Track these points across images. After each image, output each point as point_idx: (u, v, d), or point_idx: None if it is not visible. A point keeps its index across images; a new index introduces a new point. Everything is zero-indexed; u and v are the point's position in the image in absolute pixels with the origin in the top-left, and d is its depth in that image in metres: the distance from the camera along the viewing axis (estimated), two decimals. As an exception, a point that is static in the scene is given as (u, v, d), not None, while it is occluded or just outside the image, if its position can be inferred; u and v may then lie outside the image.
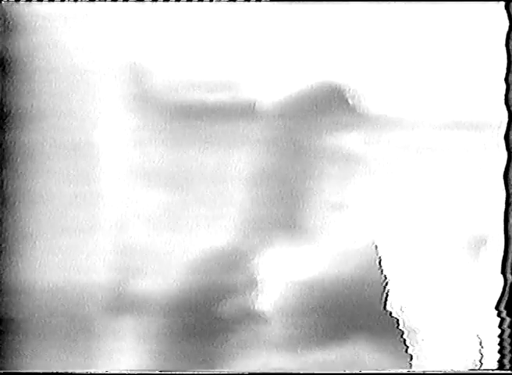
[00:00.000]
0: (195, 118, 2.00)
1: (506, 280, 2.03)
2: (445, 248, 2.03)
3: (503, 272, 2.03)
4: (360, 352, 2.02)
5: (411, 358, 2.03)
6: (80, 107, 2.00)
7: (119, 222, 2.00)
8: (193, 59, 2.02)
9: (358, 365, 2.02)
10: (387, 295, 2.02)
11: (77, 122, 2.00)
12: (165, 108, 2.00)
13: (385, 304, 2.02)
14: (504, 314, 2.03)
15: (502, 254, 2.03)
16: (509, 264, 2.03)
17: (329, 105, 2.01)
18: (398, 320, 2.03)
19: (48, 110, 2.00)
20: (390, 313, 2.03)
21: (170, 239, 2.01)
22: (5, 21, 1.98)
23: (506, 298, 2.03)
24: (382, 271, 2.02)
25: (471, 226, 2.03)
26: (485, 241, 2.03)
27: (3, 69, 1.98)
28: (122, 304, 2.00)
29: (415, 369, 2.02)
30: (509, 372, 2.03)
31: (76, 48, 2.00)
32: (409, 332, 2.03)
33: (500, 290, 2.03)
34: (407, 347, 2.03)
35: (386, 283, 2.02)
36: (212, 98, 2.01)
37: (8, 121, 1.99)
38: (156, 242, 2.01)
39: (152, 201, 2.00)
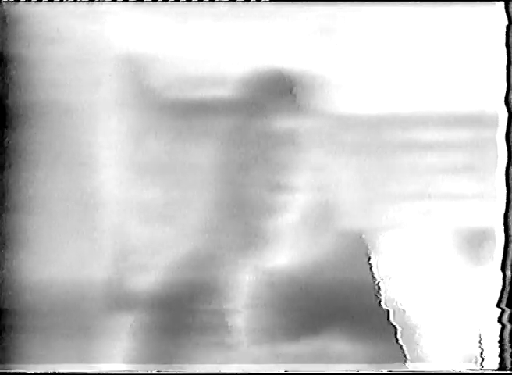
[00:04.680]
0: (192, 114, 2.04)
1: (505, 276, 2.00)
2: (444, 245, 2.02)
3: (503, 269, 2.00)
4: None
5: (410, 358, 2.00)
6: (80, 105, 2.05)
7: (117, 218, 2.03)
8: (192, 58, 2.06)
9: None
10: (385, 292, 2.01)
11: (75, 119, 2.04)
12: (164, 105, 2.04)
13: (382, 301, 2.01)
14: (505, 312, 2.00)
15: (502, 251, 2.01)
16: (509, 261, 2.00)
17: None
18: (395, 318, 2.01)
19: (46, 107, 2.05)
20: (387, 310, 2.01)
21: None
22: (4, 21, 2.05)
23: (506, 295, 2.00)
24: (378, 266, 2.01)
25: (470, 221, 2.02)
26: (485, 238, 2.01)
27: (3, 69, 2.04)
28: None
29: (414, 369, 1.99)
30: (509, 372, 1.99)
31: (76, 48, 2.06)
32: (407, 331, 2.01)
33: (500, 287, 2.00)
34: (406, 346, 2.00)
35: (383, 279, 2.01)
36: (210, 94, 2.04)
37: (7, 118, 2.04)
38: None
39: (150, 196, 2.03)
